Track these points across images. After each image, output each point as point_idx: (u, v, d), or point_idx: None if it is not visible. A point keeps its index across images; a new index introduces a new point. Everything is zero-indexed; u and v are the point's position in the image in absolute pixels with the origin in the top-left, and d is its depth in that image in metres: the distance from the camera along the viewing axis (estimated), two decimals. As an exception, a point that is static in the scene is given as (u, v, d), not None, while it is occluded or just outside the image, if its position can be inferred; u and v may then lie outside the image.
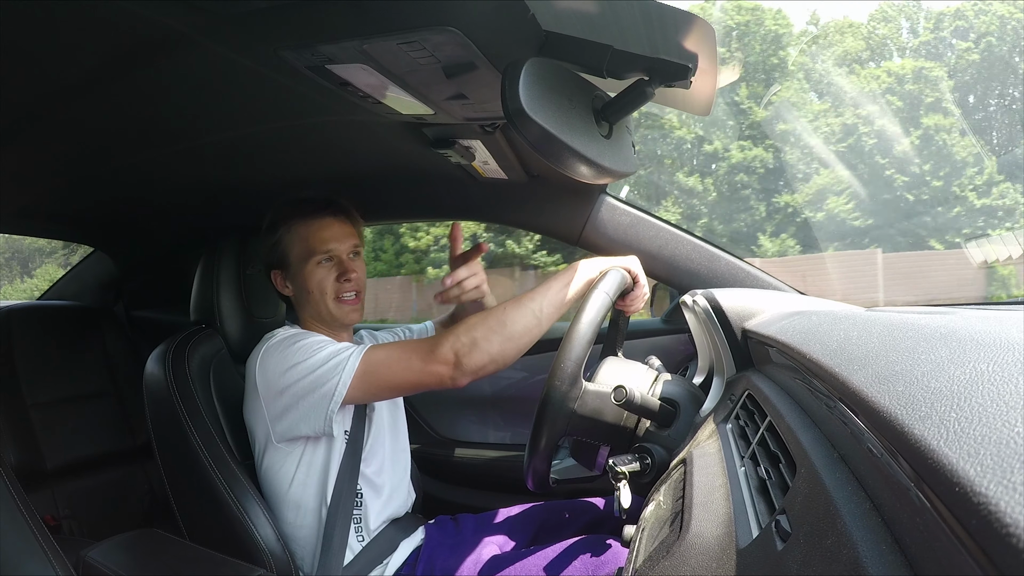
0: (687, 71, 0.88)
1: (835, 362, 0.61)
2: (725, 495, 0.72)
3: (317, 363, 1.31)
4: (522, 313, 1.30)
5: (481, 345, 1.27)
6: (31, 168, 1.47)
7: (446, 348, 1.28)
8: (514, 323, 1.29)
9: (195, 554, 1.28)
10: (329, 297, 1.47)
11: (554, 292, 1.32)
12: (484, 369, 1.29)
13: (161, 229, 2.23)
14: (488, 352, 1.28)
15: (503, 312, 1.31)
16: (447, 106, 1.13)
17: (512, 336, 1.29)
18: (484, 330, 1.29)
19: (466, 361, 1.27)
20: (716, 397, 1.21)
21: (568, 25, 0.90)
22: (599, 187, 1.75)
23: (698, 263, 1.73)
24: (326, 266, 1.47)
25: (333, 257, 1.48)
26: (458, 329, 1.30)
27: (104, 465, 2.28)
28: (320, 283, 1.46)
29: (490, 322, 1.30)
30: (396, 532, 1.48)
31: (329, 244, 1.47)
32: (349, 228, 1.52)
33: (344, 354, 1.31)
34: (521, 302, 1.32)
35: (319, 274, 1.46)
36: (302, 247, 1.47)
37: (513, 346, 1.29)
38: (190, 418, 1.41)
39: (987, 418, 0.35)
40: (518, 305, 1.31)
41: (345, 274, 1.47)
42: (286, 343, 1.36)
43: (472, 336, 1.28)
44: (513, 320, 1.29)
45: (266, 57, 0.94)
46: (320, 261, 1.46)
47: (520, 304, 1.31)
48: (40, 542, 0.94)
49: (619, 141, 0.98)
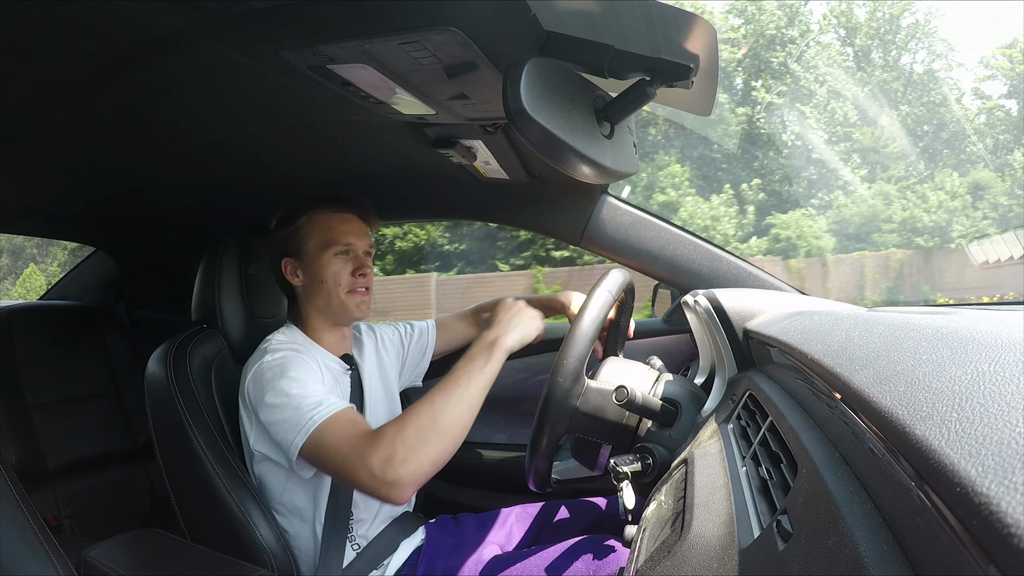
0: (688, 71, 0.88)
1: (836, 362, 0.61)
2: (726, 495, 0.72)
3: (284, 408, 1.27)
4: (453, 404, 1.19)
5: (418, 452, 1.14)
6: (32, 168, 1.47)
7: (375, 459, 1.14)
8: (447, 416, 1.18)
9: (196, 554, 1.28)
10: (343, 288, 1.47)
11: (478, 370, 1.25)
12: (424, 477, 1.15)
13: (162, 229, 2.23)
14: (427, 457, 1.14)
15: (431, 406, 1.19)
16: (449, 106, 1.13)
17: (447, 431, 1.17)
18: (415, 434, 1.15)
19: (402, 473, 1.12)
20: (717, 397, 1.21)
21: (569, 25, 0.90)
22: (600, 187, 1.75)
23: (699, 263, 1.74)
24: (343, 258, 1.48)
25: (350, 251, 1.49)
26: (388, 432, 1.17)
27: (105, 465, 2.28)
28: (336, 274, 1.47)
29: (420, 423, 1.16)
30: (396, 532, 1.48)
31: (349, 238, 1.48)
32: (366, 228, 1.54)
33: (305, 413, 1.24)
34: (448, 391, 1.21)
35: (335, 265, 1.47)
36: (322, 237, 1.47)
37: (450, 442, 1.18)
38: (191, 418, 1.41)
39: (988, 418, 0.35)
40: (446, 395, 1.20)
41: (361, 269, 1.49)
42: (270, 371, 1.33)
43: (406, 441, 1.14)
44: (446, 414, 1.18)
45: (267, 57, 0.94)
46: (338, 253, 1.47)
47: (447, 394, 1.20)
48: (41, 542, 0.94)
49: (620, 141, 0.98)
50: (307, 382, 1.30)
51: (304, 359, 1.36)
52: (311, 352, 1.43)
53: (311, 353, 1.42)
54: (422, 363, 1.79)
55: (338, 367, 1.50)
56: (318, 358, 1.43)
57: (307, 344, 1.47)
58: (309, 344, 1.48)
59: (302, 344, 1.46)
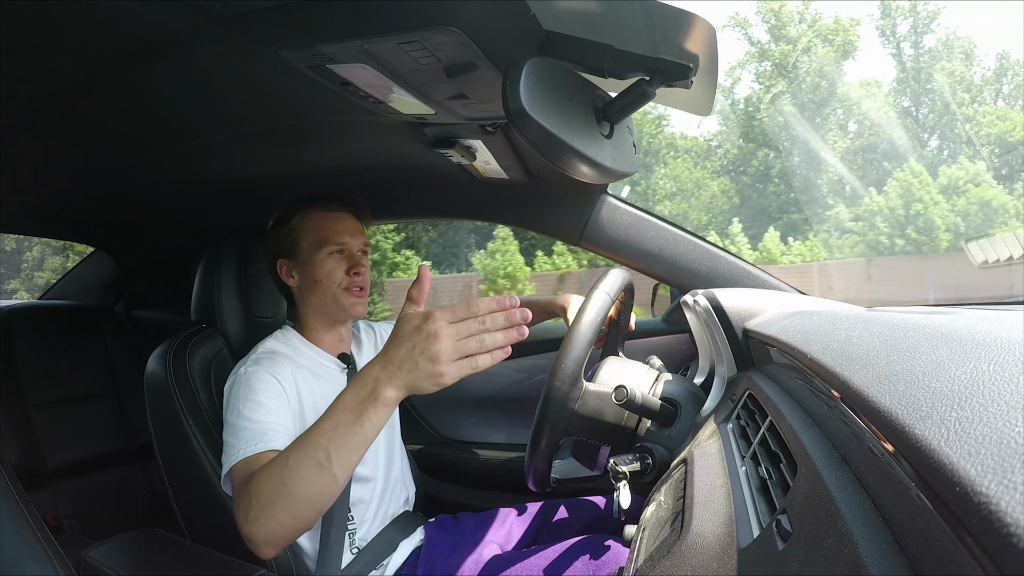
0: (688, 71, 0.88)
1: (836, 362, 0.61)
2: (726, 495, 0.72)
3: (230, 429, 1.25)
4: (306, 469, 0.96)
5: (266, 512, 0.99)
6: (31, 168, 1.48)
7: (239, 509, 1.04)
8: (298, 483, 0.96)
9: (196, 554, 1.28)
10: (339, 286, 1.46)
11: (342, 433, 0.94)
12: (279, 539, 1.01)
13: (162, 229, 2.24)
14: (276, 521, 0.98)
15: (284, 466, 0.98)
16: (448, 106, 1.13)
17: (298, 498, 0.97)
18: (267, 491, 0.99)
19: (252, 530, 1.00)
20: (717, 397, 1.21)
21: (569, 25, 0.90)
22: (600, 187, 1.75)
23: (699, 263, 1.74)
24: (337, 257, 1.47)
25: (344, 250, 1.48)
26: (253, 481, 1.02)
27: (105, 465, 2.29)
28: (330, 273, 1.46)
29: (273, 481, 0.98)
30: (395, 532, 1.47)
31: (343, 236, 1.48)
32: (360, 226, 1.53)
33: (241, 443, 1.19)
34: (304, 452, 0.96)
35: (329, 264, 1.46)
36: (315, 236, 1.47)
37: (305, 509, 0.98)
38: (191, 418, 1.41)
39: (988, 418, 0.35)
40: (299, 457, 0.96)
41: (355, 267, 1.47)
42: (237, 386, 1.32)
43: (258, 497, 1.00)
44: (297, 479, 0.96)
45: (267, 57, 0.94)
46: (332, 252, 1.47)
47: (302, 455, 0.96)
48: (41, 542, 0.94)
49: (620, 141, 0.98)
50: (265, 408, 1.26)
51: (273, 380, 1.32)
52: (298, 359, 1.43)
53: (297, 361, 1.42)
54: None
55: (335, 366, 1.50)
56: (306, 364, 1.44)
57: (299, 348, 1.47)
58: (302, 347, 1.48)
59: (293, 349, 1.46)
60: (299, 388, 1.37)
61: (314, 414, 1.37)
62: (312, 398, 1.38)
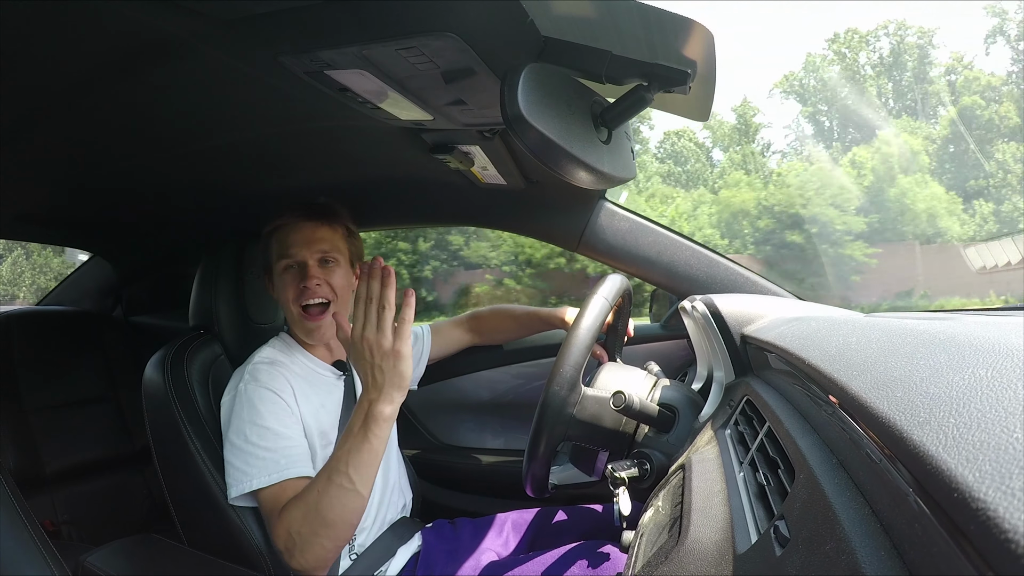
0: (686, 77, 0.88)
1: (834, 368, 0.61)
2: (724, 501, 0.72)
3: (238, 453, 1.27)
4: (335, 495, 1.13)
5: (312, 543, 1.14)
6: (29, 173, 1.47)
7: (281, 537, 1.17)
8: (331, 509, 1.13)
9: (194, 559, 1.28)
10: (293, 304, 1.41)
11: (355, 453, 1.13)
12: (328, 560, 1.19)
13: (160, 234, 2.23)
14: (323, 548, 1.15)
15: (317, 499, 1.14)
16: (446, 111, 1.13)
17: (334, 523, 1.14)
18: (306, 525, 1.14)
19: (302, 562, 1.16)
20: (715, 403, 1.21)
21: (567, 31, 0.90)
22: (598, 193, 1.75)
23: (697, 269, 1.74)
24: (292, 272, 1.42)
25: (295, 264, 1.42)
26: (288, 519, 1.16)
27: (103, 470, 2.28)
28: (284, 290, 1.42)
29: (308, 515, 1.14)
30: (393, 539, 1.47)
31: (291, 249, 1.41)
32: (324, 232, 1.45)
33: (251, 470, 1.25)
34: (330, 481, 1.14)
35: (285, 279, 1.42)
36: (275, 251, 1.44)
37: (343, 530, 1.15)
38: (189, 424, 1.40)
39: (986, 424, 0.35)
40: (326, 486, 1.14)
41: (304, 280, 1.40)
42: (239, 405, 1.33)
43: (299, 532, 1.14)
44: (330, 507, 1.13)
45: (265, 62, 0.94)
46: (285, 267, 1.42)
47: (329, 484, 1.13)
48: (39, 547, 0.94)
49: (618, 147, 0.98)
50: (274, 433, 1.28)
51: (276, 398, 1.32)
52: (295, 367, 1.43)
53: (293, 370, 1.41)
54: (418, 368, 1.79)
55: (331, 374, 1.50)
56: (302, 373, 1.43)
57: (295, 356, 1.46)
58: (298, 355, 1.47)
59: (289, 357, 1.45)
60: (297, 397, 1.36)
61: (314, 422, 1.37)
62: (310, 408, 1.38)
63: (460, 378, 2.14)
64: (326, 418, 1.41)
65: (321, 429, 1.39)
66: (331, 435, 1.41)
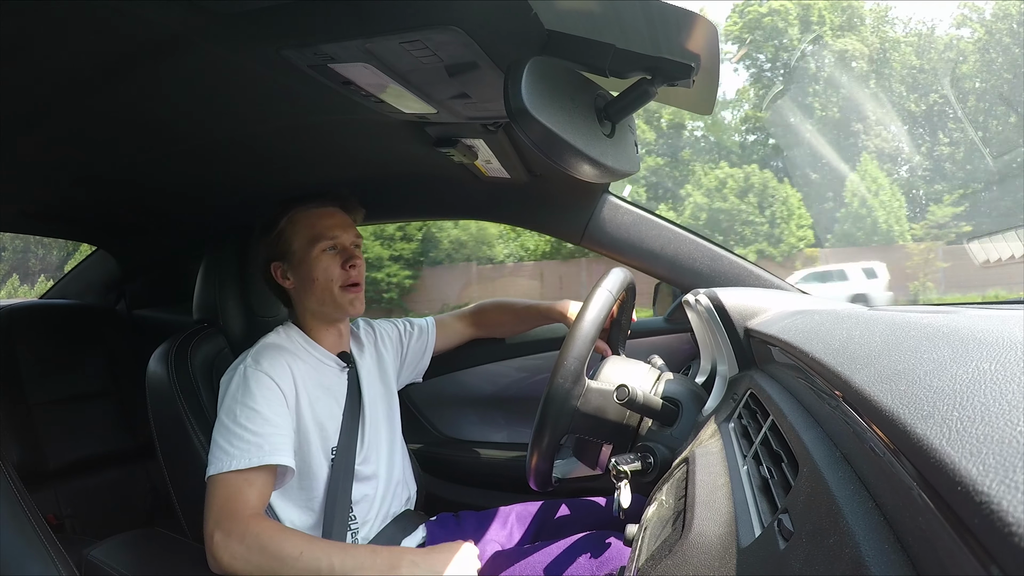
0: (689, 70, 0.88)
1: (837, 361, 0.61)
2: (727, 494, 0.72)
3: (222, 432, 1.27)
4: (313, 567, 1.14)
5: (258, 566, 1.15)
6: (34, 167, 1.48)
7: (222, 550, 1.16)
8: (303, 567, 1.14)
9: (197, 553, 1.29)
10: (336, 284, 1.45)
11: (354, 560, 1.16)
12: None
13: (163, 228, 2.24)
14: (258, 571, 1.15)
15: (297, 555, 1.15)
16: (450, 105, 1.13)
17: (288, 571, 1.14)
18: (267, 563, 1.14)
19: (232, 567, 1.15)
20: (718, 396, 1.21)
21: (571, 24, 0.90)
22: (601, 186, 1.75)
23: (700, 262, 1.73)
24: (331, 254, 1.45)
25: (338, 245, 1.46)
26: (252, 538, 1.16)
27: (106, 464, 2.29)
28: (327, 270, 1.44)
29: (273, 564, 1.14)
30: (397, 531, 1.47)
31: (334, 231, 1.46)
32: (350, 220, 1.52)
33: (229, 451, 1.24)
34: (318, 551, 1.16)
35: (324, 261, 1.44)
36: (307, 235, 1.45)
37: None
38: (192, 417, 1.41)
39: (989, 417, 0.35)
40: (312, 552, 1.16)
41: (351, 260, 1.46)
42: (235, 385, 1.33)
43: (250, 561, 1.14)
44: (305, 564, 1.14)
45: (268, 57, 0.94)
46: (326, 248, 1.45)
47: (314, 552, 1.16)
48: (43, 541, 0.94)
49: (621, 140, 0.98)
50: (262, 418, 1.28)
51: (272, 384, 1.33)
52: (299, 355, 1.43)
53: (298, 356, 1.42)
54: (422, 361, 1.80)
55: (335, 365, 1.50)
56: (306, 361, 1.43)
57: (301, 345, 1.47)
58: (303, 344, 1.47)
59: (295, 345, 1.45)
60: (297, 386, 1.36)
61: (311, 412, 1.37)
62: (309, 398, 1.38)
63: (464, 372, 2.14)
64: (325, 409, 1.41)
65: (319, 420, 1.39)
66: (329, 427, 1.42)
